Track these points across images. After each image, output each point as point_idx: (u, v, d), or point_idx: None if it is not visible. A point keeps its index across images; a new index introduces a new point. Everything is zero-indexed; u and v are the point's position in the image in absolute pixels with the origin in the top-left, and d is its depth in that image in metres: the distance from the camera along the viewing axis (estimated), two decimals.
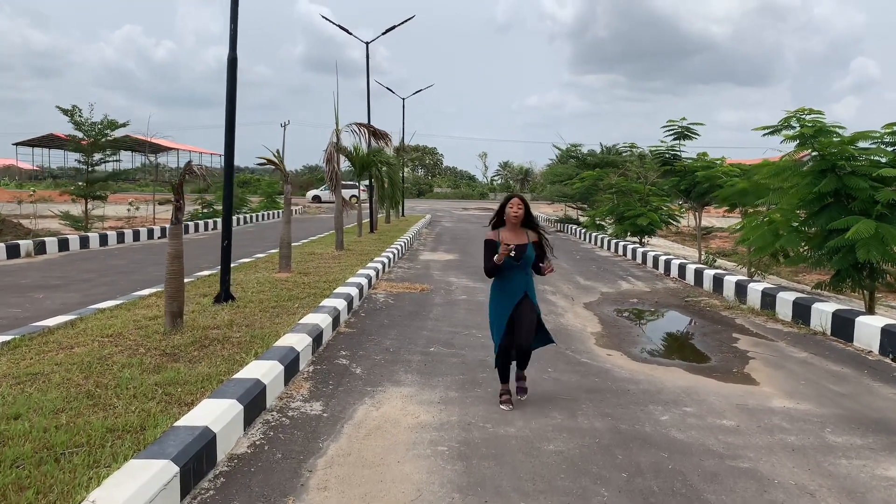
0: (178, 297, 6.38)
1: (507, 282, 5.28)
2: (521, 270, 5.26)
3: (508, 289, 5.28)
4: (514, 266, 5.19)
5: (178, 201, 6.31)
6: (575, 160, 29.77)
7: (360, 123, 14.39)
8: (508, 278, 5.27)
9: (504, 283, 5.30)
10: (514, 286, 5.27)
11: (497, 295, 5.37)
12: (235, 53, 7.88)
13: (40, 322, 7.10)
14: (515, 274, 5.26)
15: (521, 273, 5.27)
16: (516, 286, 5.28)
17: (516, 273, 5.25)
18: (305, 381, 5.76)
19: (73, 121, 19.72)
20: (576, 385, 6.07)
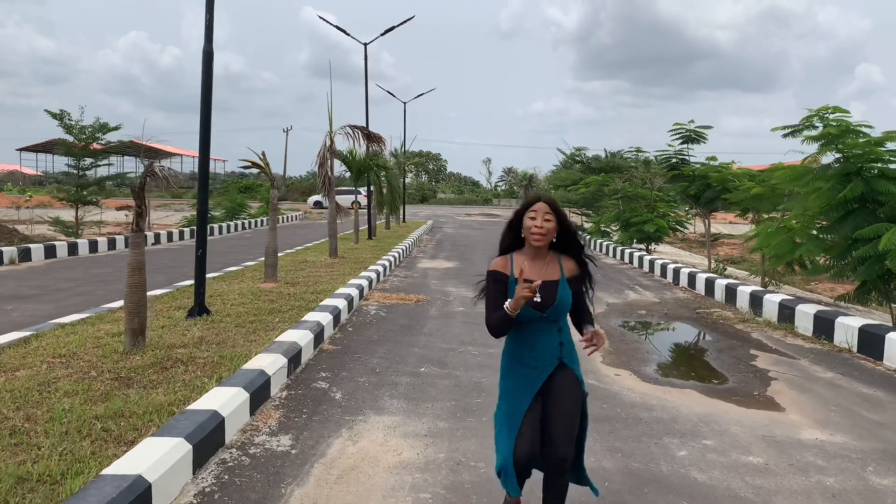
0: (139, 313, 5.75)
1: (526, 345, 3.13)
2: (550, 324, 3.12)
3: (531, 357, 3.12)
4: (538, 318, 3.08)
5: (139, 207, 5.69)
6: (579, 165, 29.14)
7: (355, 126, 13.79)
8: (529, 339, 3.12)
9: (522, 346, 3.15)
10: (540, 352, 3.12)
11: (511, 368, 3.19)
12: (211, 47, 7.28)
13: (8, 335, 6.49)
14: (541, 331, 3.11)
15: (549, 329, 3.12)
16: (544, 351, 3.12)
17: (542, 330, 3.11)
18: (276, 409, 5.12)
19: (63, 124, 19.21)
20: None
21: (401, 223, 30.19)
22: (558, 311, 3.10)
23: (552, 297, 3.06)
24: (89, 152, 19.92)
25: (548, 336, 3.13)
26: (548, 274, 3.10)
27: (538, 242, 3.06)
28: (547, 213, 3.06)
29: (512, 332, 3.18)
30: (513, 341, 3.21)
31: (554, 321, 3.12)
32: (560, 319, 3.15)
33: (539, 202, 3.09)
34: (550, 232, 3.07)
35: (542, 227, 3.03)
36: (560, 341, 3.17)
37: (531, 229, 3.05)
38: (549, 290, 3.08)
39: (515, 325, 3.09)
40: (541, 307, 3.05)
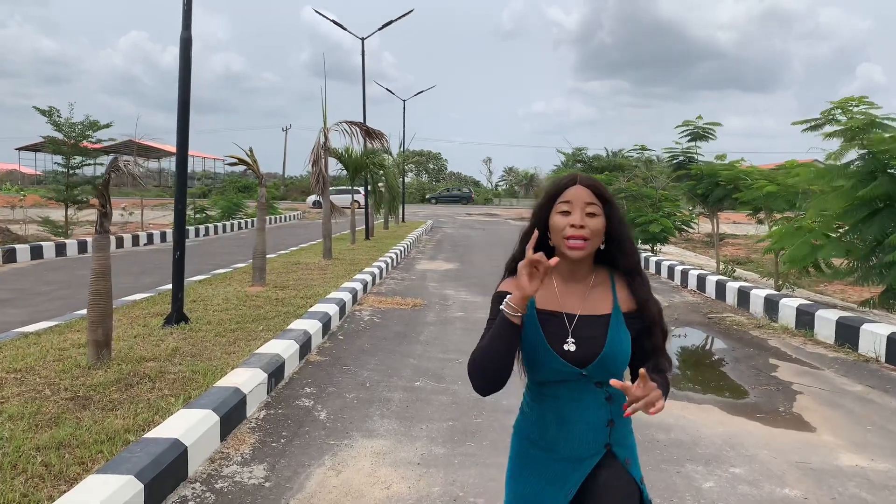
0: (103, 323, 5.21)
1: (553, 419, 1.89)
2: (592, 389, 1.86)
3: (560, 439, 1.88)
4: (573, 377, 1.85)
5: (103, 206, 5.14)
6: (580, 164, 28.60)
7: (352, 122, 13.24)
8: (558, 409, 1.88)
9: (545, 420, 1.90)
10: (575, 432, 1.86)
11: (526, 456, 1.96)
12: (190, 33, 6.74)
13: None
14: (578, 399, 1.86)
15: (592, 396, 1.86)
16: (582, 432, 1.86)
17: (580, 397, 1.86)
18: (251, 432, 4.58)
19: (52, 121, 18.68)
20: None
21: (400, 223, 29.63)
22: (607, 367, 1.82)
23: (598, 343, 1.82)
24: (79, 150, 19.40)
25: (589, 408, 1.85)
26: (592, 304, 1.89)
27: (578, 252, 1.82)
28: (590, 204, 1.84)
29: (529, 396, 1.95)
30: (530, 410, 1.94)
31: (599, 383, 1.84)
32: (605, 381, 1.82)
33: (576, 185, 1.88)
34: (597, 234, 1.85)
35: (585, 228, 1.82)
36: (610, 418, 1.86)
37: (565, 231, 1.83)
38: (593, 329, 1.85)
39: (536, 385, 1.91)
40: (578, 358, 1.81)
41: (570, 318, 1.86)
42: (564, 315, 1.87)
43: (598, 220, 1.85)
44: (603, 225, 1.86)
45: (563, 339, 1.83)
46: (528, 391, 1.97)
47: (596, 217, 1.85)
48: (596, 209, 1.85)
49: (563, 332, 1.84)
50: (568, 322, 1.85)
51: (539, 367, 1.85)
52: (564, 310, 1.87)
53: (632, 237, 1.96)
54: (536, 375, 1.88)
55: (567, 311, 1.87)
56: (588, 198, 1.85)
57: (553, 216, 1.87)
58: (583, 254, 1.84)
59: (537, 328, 1.85)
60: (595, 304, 1.89)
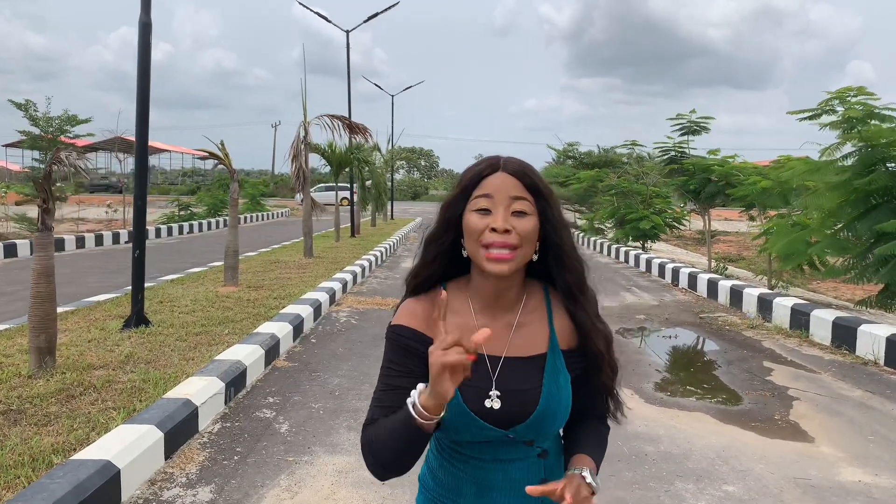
0: (46, 329, 4.81)
1: (471, 486, 1.41)
2: (522, 450, 1.39)
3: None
4: (497, 439, 1.36)
5: (44, 202, 4.73)
6: (572, 160, 28.25)
7: (334, 115, 12.82)
8: (479, 475, 1.40)
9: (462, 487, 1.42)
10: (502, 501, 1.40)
11: None
12: (149, 17, 6.33)
13: None
14: (506, 461, 1.40)
15: (522, 458, 1.40)
16: (510, 500, 1.40)
17: (508, 459, 1.40)
18: (202, 448, 4.19)
19: (28, 116, 18.21)
20: None
21: (388, 220, 29.22)
22: (542, 428, 1.37)
23: (530, 398, 1.35)
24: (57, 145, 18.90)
25: (518, 471, 1.40)
26: (522, 341, 1.40)
27: (502, 266, 1.31)
28: (518, 199, 1.34)
29: (440, 454, 1.46)
30: (442, 471, 1.45)
31: (530, 444, 1.40)
32: (544, 441, 1.42)
33: (498, 172, 1.36)
34: (528, 240, 1.34)
35: (511, 232, 1.31)
36: (543, 477, 1.41)
37: (484, 237, 1.32)
38: (524, 378, 1.37)
39: (449, 442, 1.43)
40: (504, 418, 1.34)
41: (494, 363, 1.36)
42: (486, 358, 1.36)
43: (530, 221, 1.33)
44: (536, 227, 1.34)
45: (485, 392, 1.33)
46: (440, 448, 1.46)
47: (526, 217, 1.33)
48: (526, 206, 1.33)
49: (485, 383, 1.34)
50: (490, 368, 1.36)
51: (451, 428, 1.35)
52: (485, 350, 1.36)
53: (574, 244, 1.43)
54: (448, 435, 1.39)
55: (489, 351, 1.37)
56: (515, 190, 1.33)
57: (467, 215, 1.34)
58: (508, 268, 1.31)
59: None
60: (526, 341, 1.39)
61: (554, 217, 1.38)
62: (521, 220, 1.32)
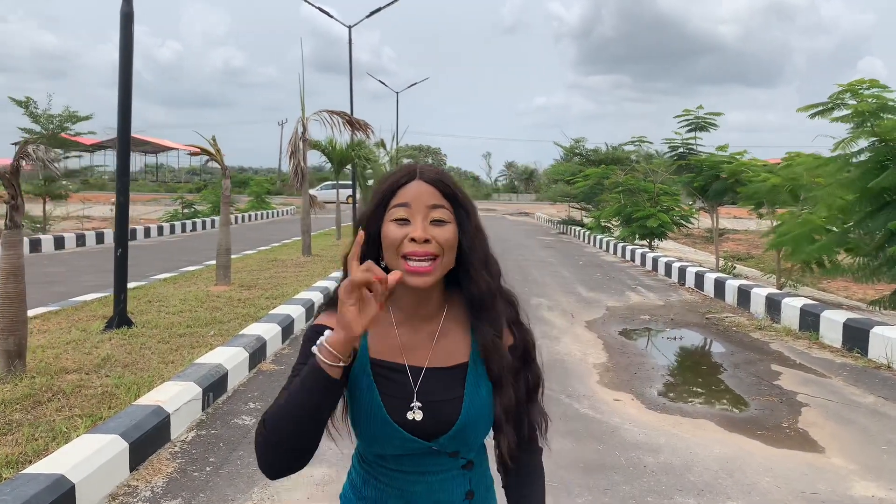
0: (15, 331, 4.59)
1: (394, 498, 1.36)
2: (446, 461, 1.35)
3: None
4: (421, 451, 1.32)
5: (12, 198, 4.52)
6: (579, 157, 27.93)
7: (333, 111, 12.58)
8: (403, 487, 1.35)
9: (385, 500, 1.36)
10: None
11: None
12: (131, 7, 6.11)
13: None
14: (430, 474, 1.35)
15: (446, 471, 1.36)
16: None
17: (432, 471, 1.35)
18: (172, 458, 3.96)
19: (29, 113, 18.13)
20: (569, 457, 4.26)
21: None
22: (465, 439, 1.34)
23: (452, 409, 1.32)
24: (58, 142, 18.81)
25: (442, 483, 1.36)
26: (444, 351, 1.36)
27: (422, 279, 1.27)
28: (437, 207, 1.30)
29: (362, 468, 1.40)
30: (364, 485, 1.39)
31: (455, 455, 1.36)
32: (468, 452, 1.38)
33: (415, 181, 1.32)
34: (449, 248, 1.30)
35: (431, 241, 1.27)
36: (468, 491, 1.38)
37: (403, 247, 1.27)
38: (445, 387, 1.33)
39: (371, 455, 1.37)
40: (426, 429, 1.31)
41: (416, 373, 1.33)
42: (407, 368, 1.33)
43: (449, 230, 1.30)
44: (454, 236, 1.31)
45: (407, 403, 1.30)
46: (362, 462, 1.40)
47: (445, 225, 1.30)
48: (445, 213, 1.30)
49: (407, 393, 1.31)
50: (412, 378, 1.32)
51: (374, 440, 1.32)
52: (407, 360, 1.33)
53: (490, 253, 1.39)
54: (371, 447, 1.34)
55: (411, 362, 1.33)
56: (433, 198, 1.30)
57: (385, 226, 1.30)
58: (429, 280, 1.27)
59: (373, 390, 1.30)
60: (448, 351, 1.35)
61: (471, 228, 1.35)
62: (441, 229, 1.29)
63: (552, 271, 13.82)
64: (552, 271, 13.82)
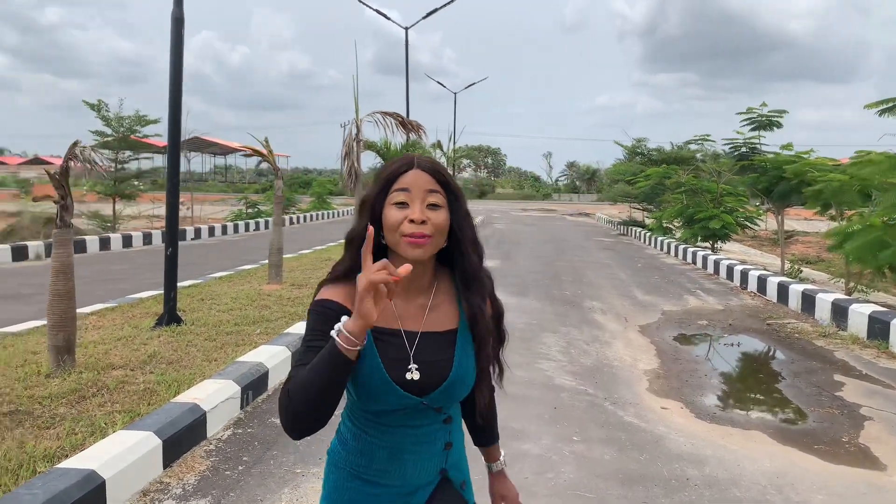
0: (64, 327, 4.73)
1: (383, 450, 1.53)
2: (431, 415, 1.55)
3: (391, 471, 1.55)
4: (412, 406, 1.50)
5: (62, 198, 4.65)
6: (640, 157, 27.32)
7: (386, 112, 12.61)
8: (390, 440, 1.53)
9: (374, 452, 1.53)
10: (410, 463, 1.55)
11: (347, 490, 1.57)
12: (181, 11, 6.24)
13: None
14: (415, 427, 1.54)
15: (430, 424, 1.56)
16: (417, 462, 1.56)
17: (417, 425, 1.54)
18: (206, 456, 4.00)
19: (101, 116, 18.85)
20: (608, 467, 4.11)
21: None
22: (452, 394, 1.54)
23: (444, 368, 1.51)
24: (128, 144, 19.52)
25: (427, 434, 1.55)
26: (436, 318, 1.55)
27: (417, 251, 1.46)
28: (432, 193, 1.49)
29: (354, 425, 1.56)
30: (355, 440, 1.55)
31: (439, 411, 1.55)
32: (450, 407, 1.58)
33: (414, 169, 1.50)
34: (441, 230, 1.49)
35: (427, 223, 1.46)
36: (448, 441, 1.60)
37: (402, 227, 1.45)
38: (438, 350, 1.52)
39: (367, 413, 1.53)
40: (421, 387, 1.48)
41: (411, 338, 1.52)
42: (403, 333, 1.52)
43: (442, 213, 1.51)
44: (447, 219, 1.52)
45: (405, 365, 1.49)
46: (353, 418, 1.58)
47: (439, 209, 1.50)
48: (439, 199, 1.51)
49: (404, 355, 1.50)
50: (408, 342, 1.51)
51: (374, 399, 1.49)
52: (403, 326, 1.53)
53: (476, 235, 1.60)
54: (370, 405, 1.52)
55: (406, 327, 1.53)
56: (429, 185, 1.50)
57: (387, 209, 1.50)
58: (424, 252, 1.48)
59: (374, 353, 1.47)
60: (439, 318, 1.57)
61: (461, 213, 1.54)
62: (435, 212, 1.48)
63: (608, 273, 13.53)
64: (608, 273, 13.53)
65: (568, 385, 5.79)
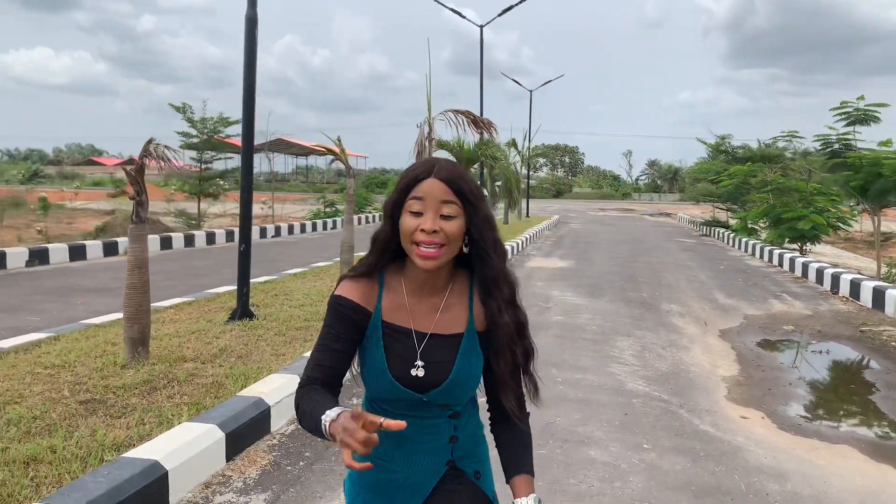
0: (139, 320, 4.87)
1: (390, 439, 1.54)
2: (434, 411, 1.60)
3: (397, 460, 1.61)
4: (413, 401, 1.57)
5: (138, 194, 4.78)
6: (724, 155, 26.29)
7: (458, 110, 12.53)
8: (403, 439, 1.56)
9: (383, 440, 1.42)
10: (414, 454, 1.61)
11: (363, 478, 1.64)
12: (254, 12, 6.34)
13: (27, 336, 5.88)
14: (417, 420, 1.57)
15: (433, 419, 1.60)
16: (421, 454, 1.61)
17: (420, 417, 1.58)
18: (269, 451, 4.01)
19: (186, 118, 19.58)
20: (680, 478, 3.90)
21: (522, 218, 28.67)
22: (451, 394, 1.58)
23: (445, 369, 1.56)
24: (212, 145, 20.21)
25: (430, 427, 1.60)
26: (446, 321, 1.59)
27: (431, 263, 1.50)
28: (447, 203, 1.50)
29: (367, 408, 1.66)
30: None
31: (444, 407, 1.60)
32: (455, 405, 1.62)
33: (430, 178, 1.51)
34: (454, 239, 1.51)
35: (439, 233, 1.48)
36: (452, 436, 1.63)
37: (415, 236, 1.49)
38: (443, 352, 1.57)
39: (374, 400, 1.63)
40: (423, 384, 1.55)
41: (421, 337, 1.58)
42: (414, 332, 1.58)
43: (456, 223, 1.51)
44: (462, 229, 1.53)
45: (411, 362, 1.56)
46: (367, 403, 1.66)
47: (453, 220, 1.51)
48: (454, 209, 1.51)
49: (411, 353, 1.56)
50: (417, 342, 1.58)
51: (376, 389, 1.58)
52: (415, 325, 1.58)
53: (498, 239, 1.59)
54: (373, 394, 1.61)
55: (417, 327, 1.58)
56: (444, 195, 1.51)
57: (403, 216, 1.52)
58: (436, 263, 1.51)
59: (380, 347, 1.56)
60: (449, 322, 1.60)
61: (479, 219, 1.54)
62: (449, 223, 1.50)
63: (689, 275, 13.06)
64: (689, 275, 13.06)
65: (640, 390, 5.57)
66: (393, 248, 1.56)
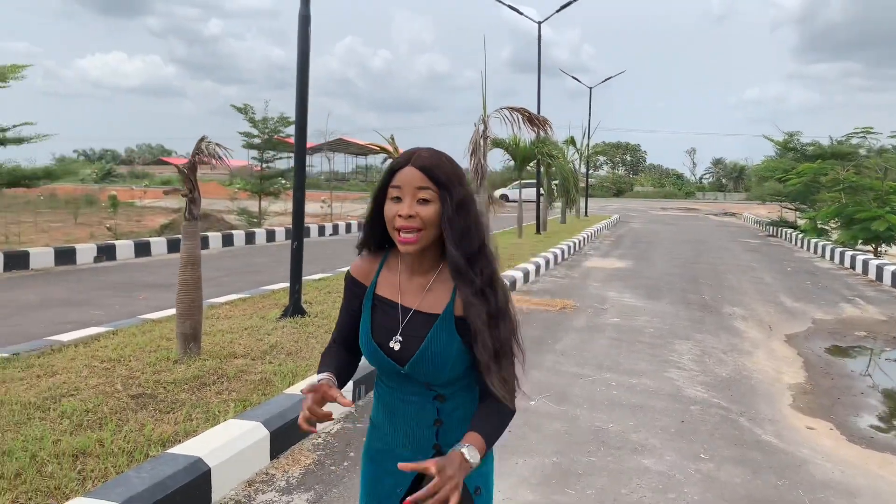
0: (191, 315, 4.92)
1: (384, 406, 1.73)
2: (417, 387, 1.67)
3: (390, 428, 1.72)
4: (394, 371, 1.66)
5: (190, 192, 4.84)
6: (793, 153, 25.29)
7: (513, 107, 12.39)
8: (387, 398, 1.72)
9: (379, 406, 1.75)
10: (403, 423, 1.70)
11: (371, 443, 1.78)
12: (308, 10, 6.35)
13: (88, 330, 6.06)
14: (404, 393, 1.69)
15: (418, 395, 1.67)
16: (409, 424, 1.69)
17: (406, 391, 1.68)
18: (313, 449, 3.98)
19: (248, 118, 19.97)
20: (741, 491, 3.70)
21: (581, 217, 28.22)
22: (425, 370, 1.62)
23: (416, 344, 1.63)
24: (272, 145, 20.56)
25: (414, 404, 1.69)
26: (430, 301, 1.66)
27: (410, 247, 1.59)
28: (422, 189, 1.58)
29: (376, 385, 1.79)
30: (375, 398, 1.80)
31: (424, 384, 1.66)
32: (438, 385, 1.65)
33: (408, 167, 1.59)
34: (430, 224, 1.59)
35: (415, 217, 1.57)
36: (437, 418, 1.68)
37: (395, 221, 1.59)
38: (421, 328, 1.64)
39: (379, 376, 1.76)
40: (400, 356, 1.64)
41: (405, 312, 1.67)
42: (400, 307, 1.68)
43: (432, 208, 1.59)
44: (436, 213, 1.59)
45: (392, 334, 1.66)
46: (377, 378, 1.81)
47: (429, 204, 1.59)
48: (429, 194, 1.59)
49: (394, 325, 1.67)
50: (402, 316, 1.67)
51: (366, 356, 1.71)
52: (402, 301, 1.69)
53: (472, 226, 1.61)
54: (369, 362, 1.71)
55: (404, 303, 1.68)
56: (420, 181, 1.59)
57: (386, 203, 1.63)
58: (415, 248, 1.60)
59: (368, 319, 1.70)
60: (432, 301, 1.67)
61: (452, 203, 1.58)
62: (425, 207, 1.58)
63: (753, 277, 12.58)
64: (753, 277, 12.58)
65: (699, 397, 5.34)
66: (379, 232, 1.67)
